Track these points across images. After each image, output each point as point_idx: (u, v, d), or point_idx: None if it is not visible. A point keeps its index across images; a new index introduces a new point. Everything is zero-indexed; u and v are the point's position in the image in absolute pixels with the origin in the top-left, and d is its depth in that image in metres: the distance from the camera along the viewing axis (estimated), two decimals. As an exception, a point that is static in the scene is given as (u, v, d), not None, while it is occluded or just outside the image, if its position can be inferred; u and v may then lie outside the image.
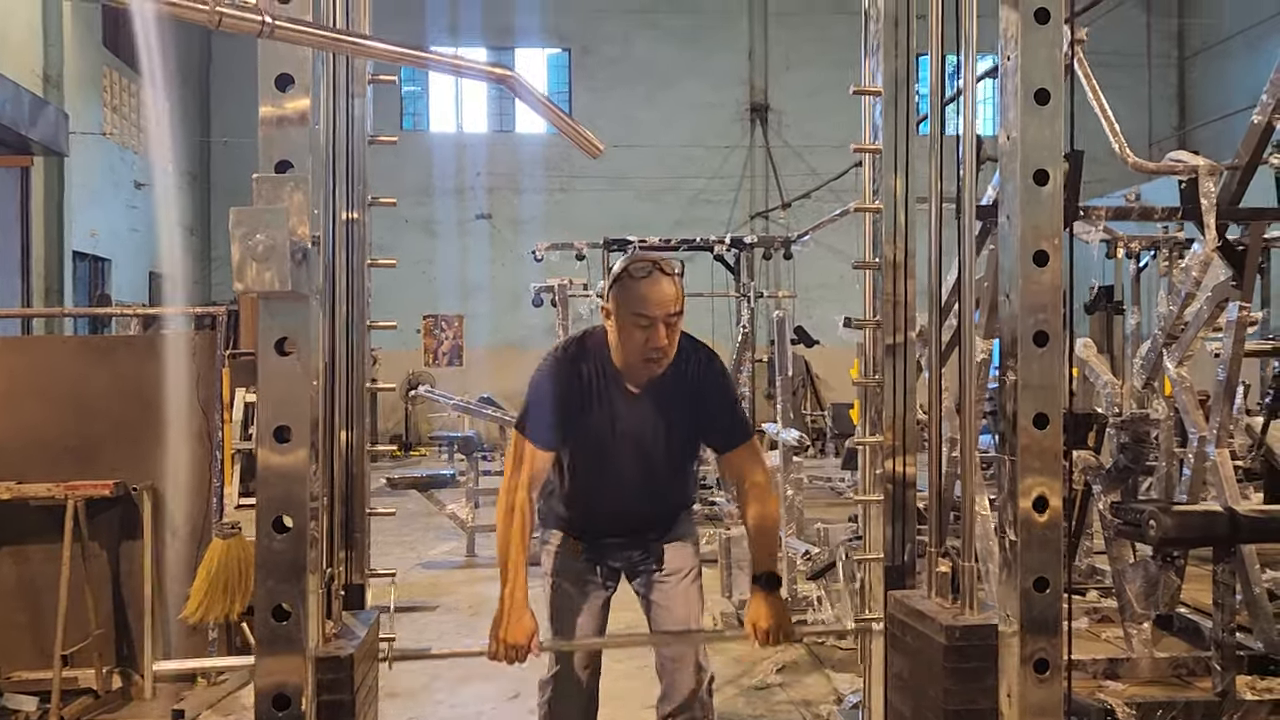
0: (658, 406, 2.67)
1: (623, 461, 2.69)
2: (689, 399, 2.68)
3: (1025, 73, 1.90)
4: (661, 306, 2.51)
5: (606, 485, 2.73)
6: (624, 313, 2.55)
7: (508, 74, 1.89)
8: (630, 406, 2.66)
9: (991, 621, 2.08)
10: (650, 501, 2.78)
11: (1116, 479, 4.48)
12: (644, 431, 2.68)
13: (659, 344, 2.53)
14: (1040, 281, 1.92)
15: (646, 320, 2.51)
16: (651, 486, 2.76)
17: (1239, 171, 4.15)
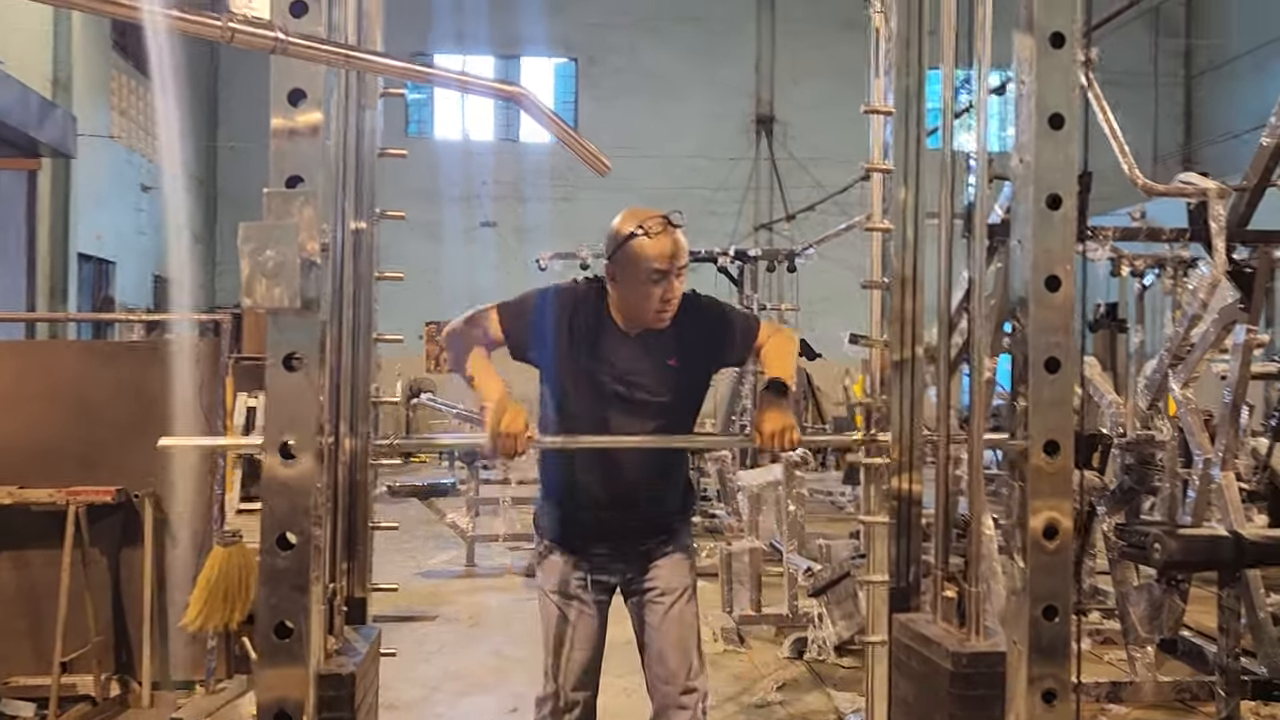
0: (658, 347, 2.65)
1: (617, 412, 2.63)
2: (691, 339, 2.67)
3: (1040, 97, 1.90)
4: (676, 259, 2.56)
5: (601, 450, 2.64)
6: (637, 270, 2.55)
7: (518, 91, 1.89)
8: (626, 346, 2.65)
9: (999, 649, 2.06)
10: (647, 472, 2.69)
11: (1121, 500, 4.46)
12: (641, 375, 2.63)
13: (671, 295, 2.57)
14: (1052, 307, 1.91)
15: (660, 274, 2.54)
16: (650, 454, 2.68)
17: (1247, 193, 4.15)
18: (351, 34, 2.35)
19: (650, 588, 2.76)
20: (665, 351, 2.65)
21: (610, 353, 2.64)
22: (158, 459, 4.28)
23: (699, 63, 17.92)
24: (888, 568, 2.67)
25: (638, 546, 2.76)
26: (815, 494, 10.68)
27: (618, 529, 2.73)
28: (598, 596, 2.78)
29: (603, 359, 2.63)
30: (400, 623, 5.68)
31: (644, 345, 2.65)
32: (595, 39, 17.96)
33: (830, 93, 16.94)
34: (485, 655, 5.15)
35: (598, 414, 2.64)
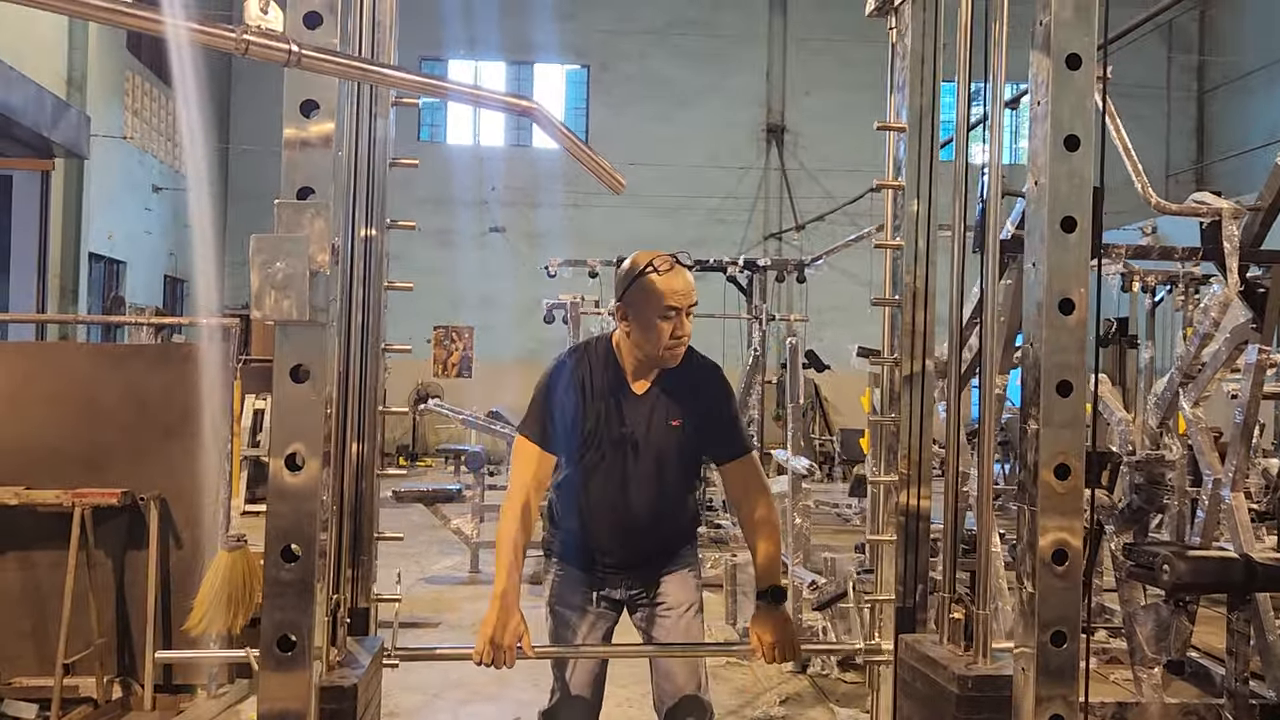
0: (662, 407, 2.70)
1: (627, 465, 2.69)
2: (692, 405, 2.72)
3: (1056, 119, 1.88)
4: (686, 297, 2.61)
5: (611, 493, 2.71)
6: (649, 307, 2.60)
7: (531, 105, 1.88)
8: (635, 407, 2.70)
9: (1005, 672, 2.05)
10: (654, 517, 2.75)
11: (1129, 519, 4.43)
12: (648, 433, 2.69)
13: (682, 333, 2.62)
14: (1065, 329, 1.90)
15: (673, 311, 2.59)
16: (656, 498, 2.73)
17: (1261, 213, 4.12)
18: (366, 43, 2.36)
19: (657, 602, 2.78)
20: (670, 413, 2.71)
21: (621, 412, 2.69)
22: (164, 462, 4.29)
23: (710, 71, 17.93)
24: (894, 586, 2.66)
25: (647, 566, 2.80)
26: (821, 505, 10.65)
27: (627, 556, 2.78)
28: (603, 612, 2.80)
29: (614, 419, 2.69)
30: (402, 629, 5.63)
31: (651, 406, 2.71)
32: (607, 46, 17.98)
33: (841, 103, 16.93)
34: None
35: (610, 466, 2.71)
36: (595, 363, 2.72)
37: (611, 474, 2.70)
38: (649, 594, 2.80)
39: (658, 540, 2.80)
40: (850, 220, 14.99)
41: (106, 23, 1.51)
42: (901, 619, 2.58)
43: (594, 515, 2.76)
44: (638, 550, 2.78)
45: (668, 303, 2.58)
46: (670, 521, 2.82)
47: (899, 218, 2.77)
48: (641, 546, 2.78)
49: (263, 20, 1.51)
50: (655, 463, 2.71)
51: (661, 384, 2.71)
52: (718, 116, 17.82)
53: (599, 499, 2.73)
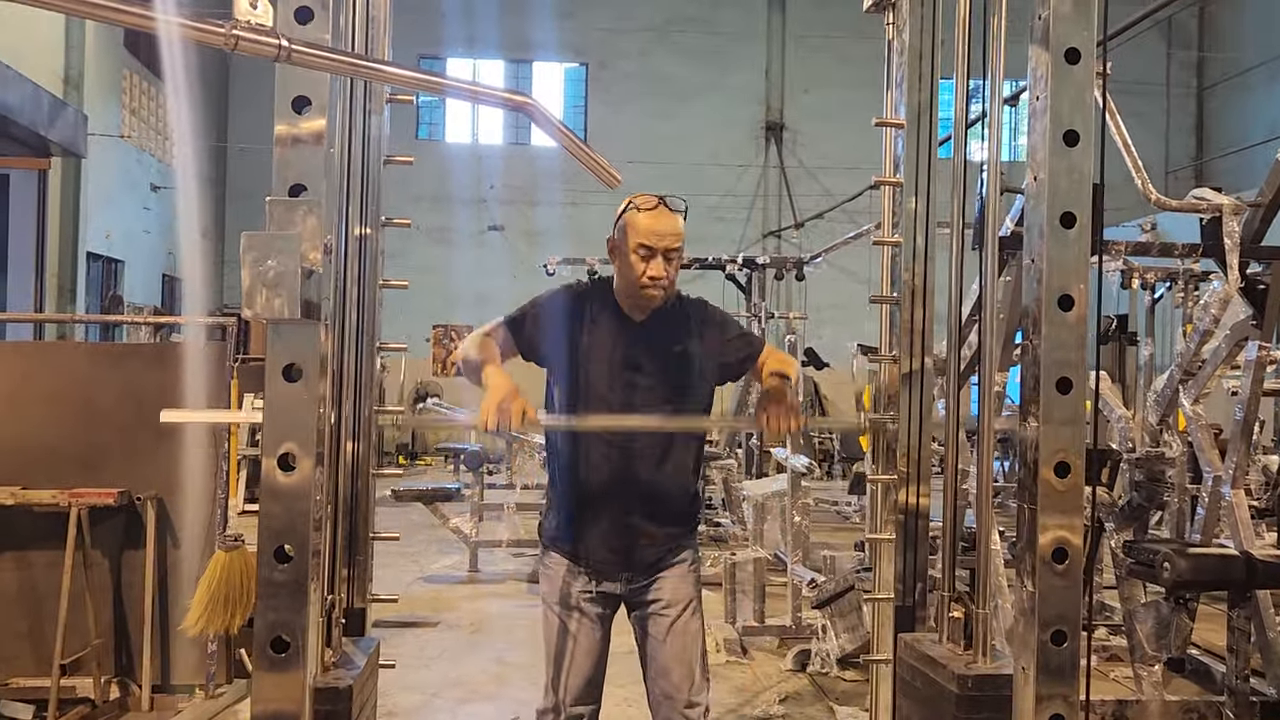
0: (663, 334, 2.67)
1: (628, 396, 2.62)
2: (695, 337, 2.70)
3: (1055, 114, 1.87)
4: (662, 239, 2.57)
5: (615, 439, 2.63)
6: (627, 240, 2.60)
7: (526, 101, 1.86)
8: (633, 334, 2.65)
9: (1005, 671, 2.04)
10: (656, 473, 2.65)
11: (1130, 517, 4.42)
12: (648, 362, 2.64)
13: (657, 274, 2.57)
14: (1065, 325, 1.88)
15: (647, 250, 2.57)
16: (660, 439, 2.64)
17: (1261, 209, 4.10)
18: (358, 39, 2.34)
19: (654, 599, 2.72)
20: (672, 339, 2.67)
21: (619, 336, 2.65)
22: (161, 462, 4.27)
23: (709, 68, 17.91)
24: (893, 585, 2.64)
25: (644, 555, 2.71)
26: (820, 504, 10.64)
27: (625, 535, 2.68)
28: (601, 609, 2.74)
29: (612, 343, 2.65)
30: (401, 629, 5.65)
31: (651, 331, 2.67)
32: (606, 44, 17.96)
33: (840, 101, 16.92)
34: (487, 662, 5.12)
35: (607, 400, 2.63)
36: (594, 295, 2.72)
37: (609, 408, 2.62)
38: (647, 589, 2.72)
39: (660, 509, 2.69)
40: (849, 218, 14.98)
41: (96, 19, 1.49)
42: (901, 618, 2.57)
43: (593, 473, 2.65)
44: (638, 521, 2.66)
45: (641, 240, 2.57)
46: (673, 488, 2.70)
47: (897, 215, 2.75)
48: (643, 513, 2.66)
49: (252, 15, 1.50)
50: (655, 394, 2.63)
51: (658, 318, 2.69)
52: (716, 114, 17.81)
53: (598, 458, 2.64)
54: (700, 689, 2.71)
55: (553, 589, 2.75)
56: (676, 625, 2.70)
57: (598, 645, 2.74)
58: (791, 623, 5.53)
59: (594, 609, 2.72)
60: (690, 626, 2.72)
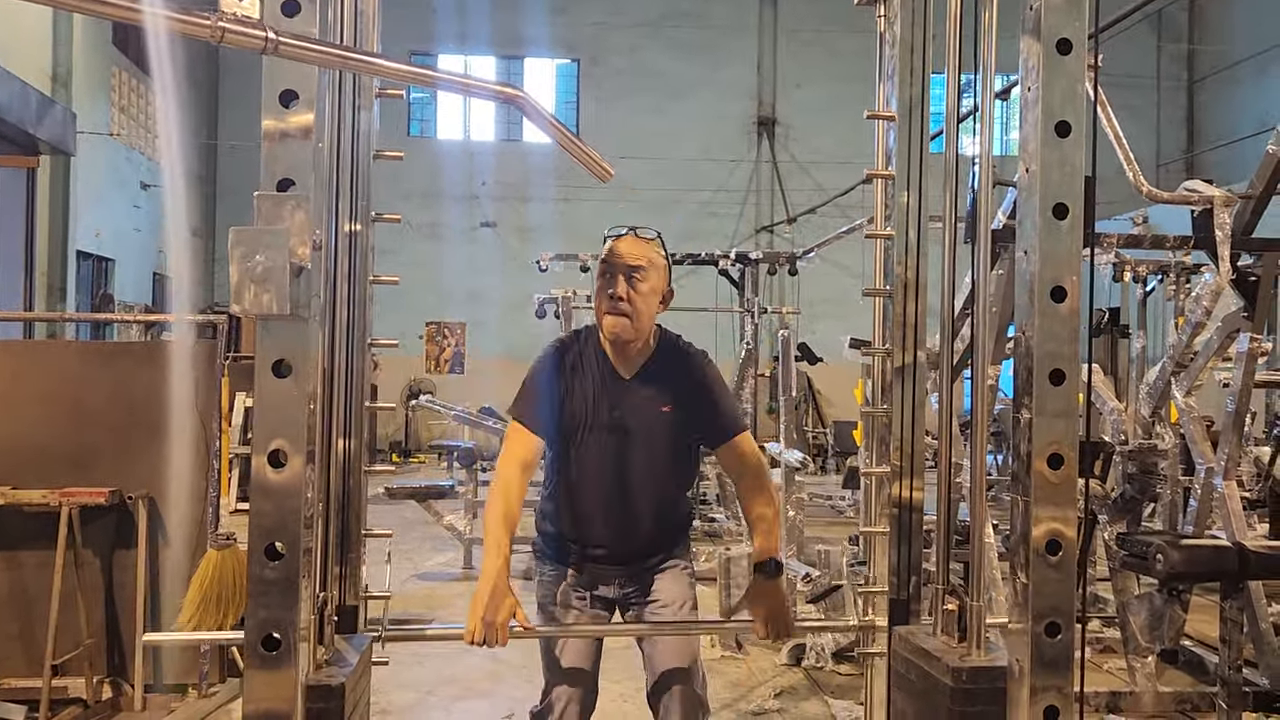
0: (650, 392, 2.68)
1: (617, 452, 2.65)
2: (681, 389, 2.69)
3: (1046, 105, 1.86)
4: (623, 258, 2.60)
5: (601, 482, 2.67)
6: (600, 266, 2.65)
7: (517, 94, 1.85)
8: (623, 391, 2.67)
9: (999, 664, 2.03)
10: (646, 508, 2.70)
11: (1123, 509, 4.43)
12: (637, 418, 2.65)
13: (616, 291, 2.57)
14: (1058, 317, 1.88)
15: (609, 269, 2.61)
16: (647, 488, 2.69)
17: (1252, 201, 4.11)
18: (348, 34, 2.32)
19: (651, 600, 2.73)
20: (659, 399, 2.68)
21: (609, 396, 2.67)
22: (152, 461, 4.25)
23: (701, 64, 17.89)
24: (887, 578, 2.64)
25: (639, 562, 2.76)
26: (815, 498, 10.64)
27: (618, 551, 2.73)
28: (597, 612, 2.76)
29: (602, 403, 2.66)
30: (395, 625, 5.63)
31: (639, 391, 2.68)
32: (597, 40, 17.92)
33: (832, 95, 16.92)
34: (481, 660, 5.10)
35: (599, 452, 2.67)
36: (584, 349, 2.72)
37: (602, 461, 2.66)
38: (642, 592, 2.75)
39: (649, 535, 2.75)
40: (842, 212, 14.97)
41: (82, 12, 1.48)
42: (895, 611, 2.57)
43: (585, 507, 2.71)
44: (629, 544, 2.73)
45: (604, 259, 2.62)
46: (662, 515, 2.76)
47: (889, 208, 2.75)
48: (633, 540, 2.73)
49: (239, 7, 1.48)
50: (645, 450, 2.66)
51: (649, 370, 2.70)
52: (709, 109, 17.79)
53: (589, 488, 2.69)
54: (699, 683, 2.71)
55: (548, 593, 2.78)
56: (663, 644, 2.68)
57: (592, 645, 2.74)
58: (786, 617, 5.53)
59: (590, 612, 2.75)
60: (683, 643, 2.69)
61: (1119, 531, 4.29)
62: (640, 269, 2.60)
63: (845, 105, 14.13)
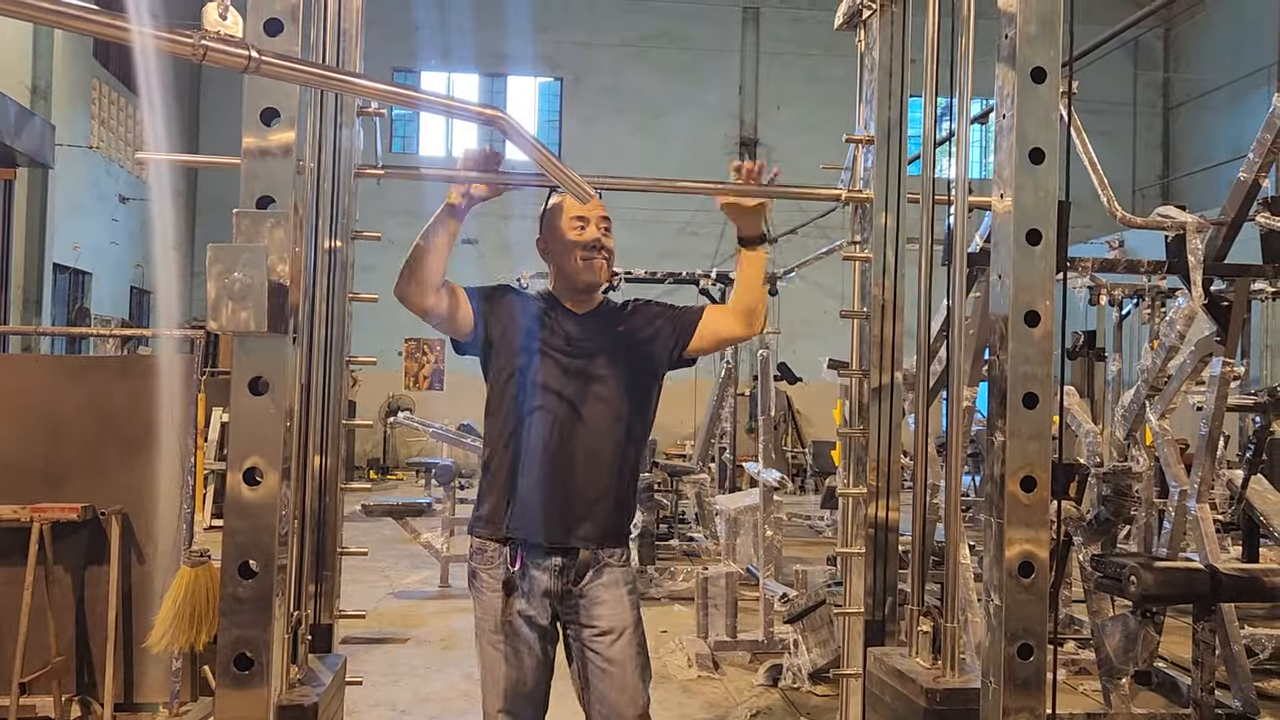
0: (602, 323, 2.69)
1: (570, 385, 2.58)
2: (636, 318, 2.72)
3: (1021, 132, 1.89)
4: (595, 209, 2.65)
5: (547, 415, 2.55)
6: (558, 224, 2.66)
7: (497, 114, 1.86)
8: (576, 322, 2.67)
9: (973, 685, 2.04)
10: (591, 447, 2.57)
11: (1097, 531, 4.46)
12: (593, 344, 2.63)
13: (597, 237, 2.64)
14: (1031, 342, 1.90)
15: (582, 220, 2.64)
16: (594, 425, 2.57)
17: (1225, 227, 4.17)
18: (330, 52, 2.33)
19: (592, 625, 2.57)
20: (614, 323, 2.70)
21: (562, 327, 2.66)
22: (126, 477, 4.21)
23: (683, 84, 18.01)
24: (863, 599, 2.65)
25: (581, 543, 2.57)
26: (793, 518, 10.66)
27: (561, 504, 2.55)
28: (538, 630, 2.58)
29: (555, 332, 2.64)
30: (370, 645, 5.60)
31: (593, 320, 2.70)
32: (581, 59, 18.01)
33: (813, 117, 17.05)
34: (457, 678, 5.08)
35: (559, 385, 2.59)
36: (539, 296, 2.75)
37: (547, 391, 2.57)
38: (583, 604, 2.57)
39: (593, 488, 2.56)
40: (822, 233, 15.05)
41: (64, 27, 1.48)
42: (870, 632, 2.58)
43: (528, 443, 2.55)
44: (570, 494, 2.54)
45: (574, 213, 2.64)
46: (607, 463, 2.58)
47: (867, 230, 2.78)
48: (581, 482, 2.55)
49: (221, 26, 1.49)
50: (593, 377, 2.60)
51: (599, 311, 2.73)
52: (691, 129, 17.89)
53: (534, 422, 2.56)
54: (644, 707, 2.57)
55: (486, 613, 2.58)
56: (615, 650, 2.56)
57: (539, 679, 2.59)
58: (763, 637, 5.53)
59: (530, 631, 2.56)
60: (630, 649, 2.58)
61: (1093, 553, 4.32)
62: (608, 220, 2.69)
63: (826, 127, 14.24)
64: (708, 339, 2.71)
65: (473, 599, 2.64)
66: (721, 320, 2.73)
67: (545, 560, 2.57)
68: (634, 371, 2.67)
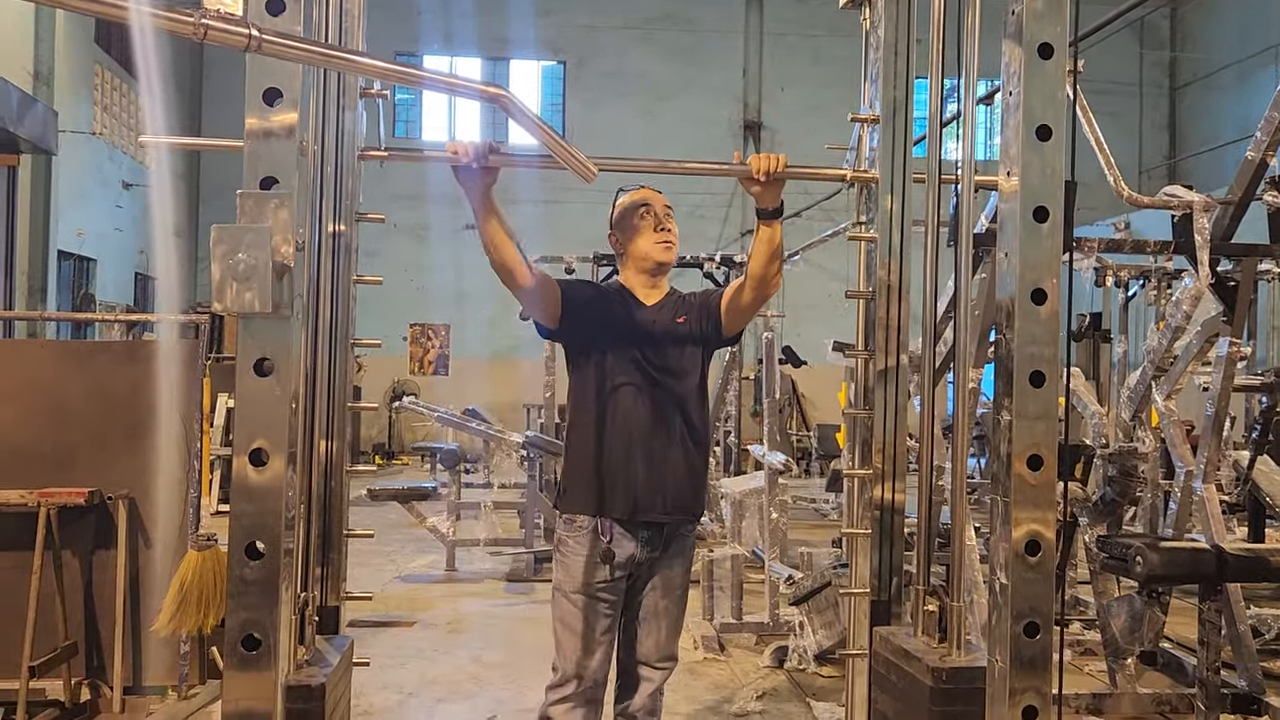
0: (669, 310, 2.88)
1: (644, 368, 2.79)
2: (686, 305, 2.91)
3: (1027, 109, 1.88)
4: (657, 199, 2.90)
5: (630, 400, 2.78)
6: (628, 218, 2.88)
7: (501, 93, 1.86)
8: (645, 312, 2.86)
9: (979, 664, 2.04)
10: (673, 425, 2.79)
11: (1103, 512, 4.46)
12: (659, 329, 2.83)
13: (667, 227, 2.87)
14: (1038, 320, 1.89)
15: (645, 207, 2.87)
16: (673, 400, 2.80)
17: (1232, 207, 4.15)
18: (332, 33, 2.32)
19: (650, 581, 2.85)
20: (675, 313, 2.89)
21: (637, 316, 2.86)
22: (132, 461, 4.22)
23: (687, 67, 17.93)
24: (869, 580, 2.65)
25: (666, 518, 2.80)
26: (798, 500, 10.68)
27: (650, 493, 2.77)
28: (615, 598, 2.81)
29: (632, 322, 2.85)
30: (377, 628, 5.62)
31: (660, 310, 2.89)
32: (584, 42, 17.93)
33: (817, 99, 16.97)
34: (464, 661, 5.10)
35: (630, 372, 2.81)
36: (609, 285, 2.99)
37: (628, 377, 2.79)
38: (652, 569, 2.82)
39: (675, 466, 2.79)
40: (827, 216, 15.01)
41: (65, 7, 1.47)
42: (876, 612, 2.58)
43: (613, 425, 2.78)
44: (658, 473, 2.77)
45: (640, 201, 2.88)
46: (685, 442, 2.82)
47: (872, 210, 2.76)
48: (661, 468, 2.77)
49: (222, 5, 1.48)
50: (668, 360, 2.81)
51: (664, 301, 2.91)
52: (695, 113, 17.82)
53: (618, 406, 2.78)
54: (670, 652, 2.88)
55: (570, 577, 2.79)
56: (662, 609, 2.85)
57: (609, 627, 2.82)
58: (769, 620, 5.54)
59: (609, 597, 2.79)
60: (675, 611, 2.89)
61: (1099, 534, 4.32)
62: (671, 211, 2.91)
63: (830, 109, 14.17)
64: (732, 314, 2.88)
65: (555, 561, 2.87)
66: (735, 293, 2.85)
67: (635, 534, 2.79)
68: (695, 355, 2.89)
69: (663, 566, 2.85)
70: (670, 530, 2.83)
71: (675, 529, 2.85)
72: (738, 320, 2.89)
